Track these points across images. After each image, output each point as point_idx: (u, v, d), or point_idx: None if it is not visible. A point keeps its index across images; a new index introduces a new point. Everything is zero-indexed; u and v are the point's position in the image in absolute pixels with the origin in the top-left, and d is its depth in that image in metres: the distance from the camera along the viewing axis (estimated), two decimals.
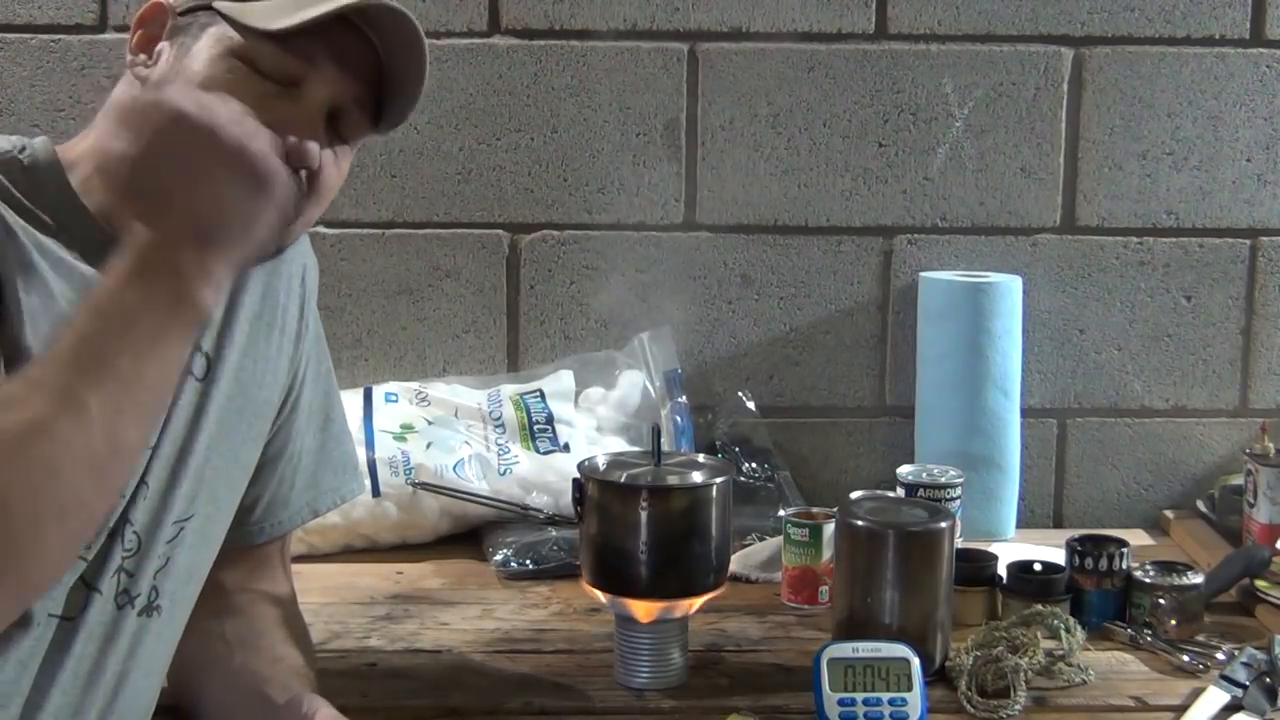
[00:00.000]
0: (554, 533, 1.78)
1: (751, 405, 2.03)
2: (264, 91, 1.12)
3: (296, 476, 1.36)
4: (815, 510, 1.71)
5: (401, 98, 1.19)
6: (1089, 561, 1.59)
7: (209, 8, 1.14)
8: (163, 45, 1.16)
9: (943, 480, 1.74)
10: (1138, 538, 1.93)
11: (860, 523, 1.46)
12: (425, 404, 1.93)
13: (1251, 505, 1.82)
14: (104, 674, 1.14)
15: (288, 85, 1.13)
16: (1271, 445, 1.82)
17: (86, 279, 1.11)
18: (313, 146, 1.13)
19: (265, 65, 1.12)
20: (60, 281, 1.10)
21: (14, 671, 1.09)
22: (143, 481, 1.16)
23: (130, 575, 1.16)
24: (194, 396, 1.21)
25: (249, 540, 1.34)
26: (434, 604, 1.65)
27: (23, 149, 1.15)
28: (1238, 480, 1.90)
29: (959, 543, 1.55)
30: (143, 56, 1.17)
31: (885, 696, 1.33)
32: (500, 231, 2.02)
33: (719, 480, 1.41)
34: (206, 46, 1.13)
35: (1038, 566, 1.62)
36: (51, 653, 1.11)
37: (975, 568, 1.62)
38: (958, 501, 1.74)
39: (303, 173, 1.14)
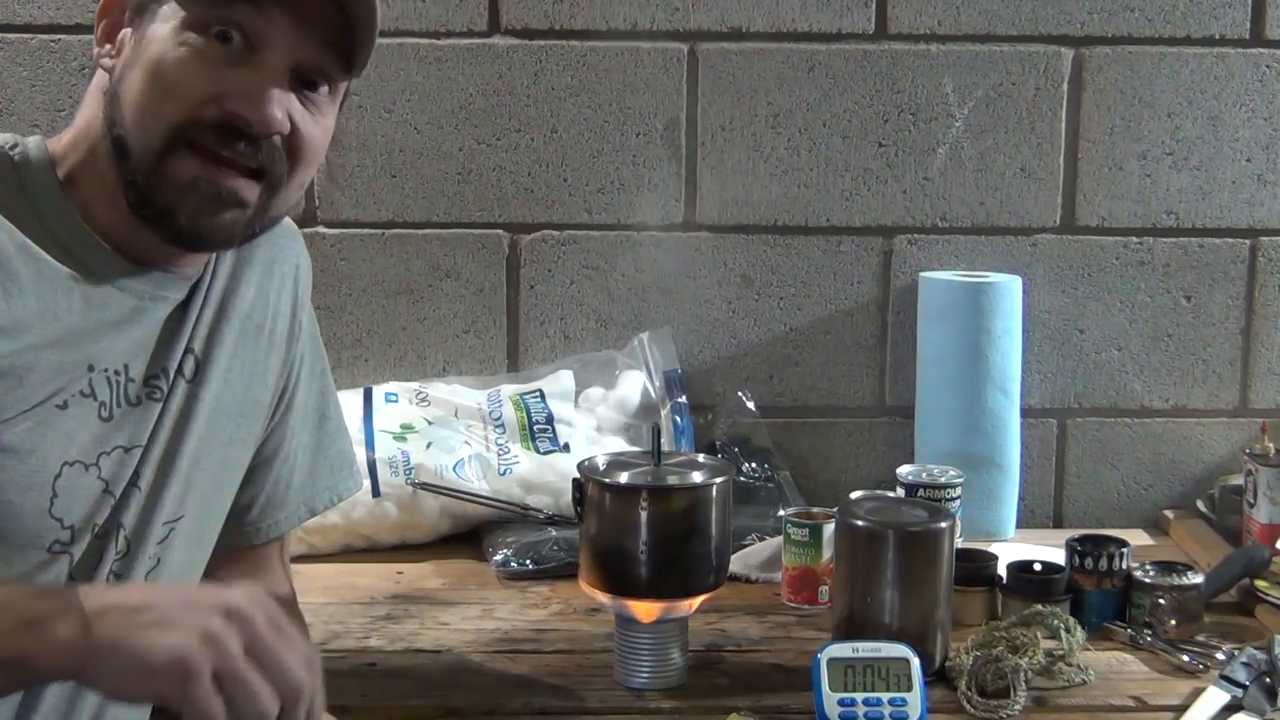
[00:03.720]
0: (554, 533, 1.78)
1: (751, 405, 2.03)
2: (222, 59, 1.10)
3: (293, 476, 1.36)
4: (815, 510, 1.72)
5: (363, 37, 1.14)
6: (1089, 561, 1.59)
7: None
8: (125, 33, 1.14)
9: (943, 480, 1.74)
10: (1138, 538, 1.93)
11: (860, 523, 1.46)
12: (425, 404, 1.93)
13: (1251, 505, 1.82)
14: None
15: (248, 50, 1.11)
16: (1271, 445, 1.82)
17: (63, 279, 1.11)
18: (274, 113, 1.10)
19: (219, 32, 1.10)
20: (36, 281, 1.09)
21: None
22: (133, 484, 1.16)
23: (120, 577, 1.16)
24: (182, 398, 1.21)
25: (247, 540, 1.34)
26: (434, 604, 1.65)
27: (14, 146, 1.14)
28: (1238, 480, 1.90)
29: (959, 543, 1.55)
30: (108, 47, 1.15)
31: (885, 696, 1.33)
32: (500, 231, 2.02)
33: (719, 480, 1.41)
34: (162, 24, 1.11)
35: (1038, 566, 1.62)
36: None
37: (975, 568, 1.62)
38: (958, 501, 1.74)
39: (277, 137, 1.12)
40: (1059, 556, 1.63)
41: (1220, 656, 1.48)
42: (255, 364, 1.28)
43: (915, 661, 1.35)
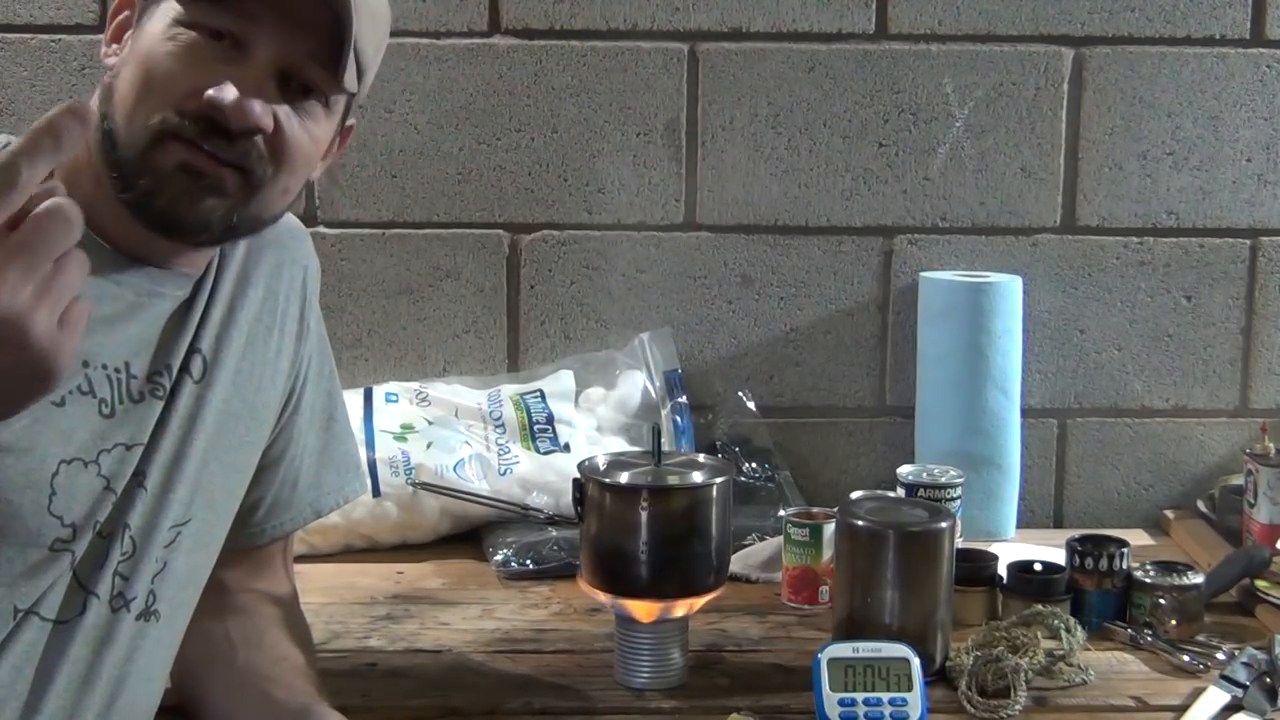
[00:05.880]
0: (554, 533, 1.78)
1: (751, 405, 2.03)
2: (209, 56, 1.11)
3: (299, 477, 1.36)
4: (815, 510, 1.71)
5: (357, 51, 1.15)
6: (1089, 561, 1.59)
7: None
8: (129, 33, 1.16)
9: (943, 480, 1.74)
10: (1138, 538, 1.93)
11: (860, 523, 1.46)
12: (425, 404, 1.93)
13: (1251, 505, 1.82)
14: (100, 678, 1.14)
15: (235, 50, 1.12)
16: (1271, 445, 1.82)
17: None
18: (251, 104, 1.10)
19: (211, 28, 1.11)
20: None
21: (9, 675, 1.09)
22: (140, 485, 1.16)
23: (125, 579, 1.15)
24: (191, 400, 1.20)
25: (251, 541, 1.34)
26: (434, 604, 1.65)
27: (5, 145, 1.14)
28: (1238, 480, 1.90)
29: (959, 543, 1.55)
30: (115, 46, 1.17)
31: (885, 696, 1.33)
32: (500, 231, 2.02)
33: (719, 480, 1.41)
34: (157, 21, 1.13)
35: (1038, 566, 1.62)
36: (47, 656, 1.11)
37: (975, 568, 1.62)
38: (958, 501, 1.74)
39: (259, 137, 1.12)
40: (1059, 556, 1.63)
41: (1220, 656, 1.48)
42: (264, 366, 1.28)
43: (915, 661, 1.35)
